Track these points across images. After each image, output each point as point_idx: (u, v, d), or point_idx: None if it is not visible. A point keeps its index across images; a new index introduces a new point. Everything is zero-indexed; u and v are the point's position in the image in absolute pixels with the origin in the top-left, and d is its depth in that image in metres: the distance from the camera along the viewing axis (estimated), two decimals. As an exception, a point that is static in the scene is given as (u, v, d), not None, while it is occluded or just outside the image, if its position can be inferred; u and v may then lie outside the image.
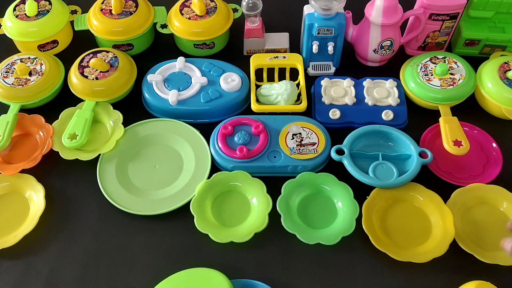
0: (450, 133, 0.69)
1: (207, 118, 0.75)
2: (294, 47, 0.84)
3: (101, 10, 0.81)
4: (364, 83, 0.76)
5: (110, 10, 0.81)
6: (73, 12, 0.86)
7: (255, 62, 0.78)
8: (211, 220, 0.65)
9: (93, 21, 0.81)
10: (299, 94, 0.75)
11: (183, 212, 0.65)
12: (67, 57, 0.81)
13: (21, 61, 0.77)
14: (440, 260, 0.60)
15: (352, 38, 0.79)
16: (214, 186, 0.67)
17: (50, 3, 0.83)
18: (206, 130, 0.72)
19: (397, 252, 0.61)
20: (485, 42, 0.80)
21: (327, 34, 0.76)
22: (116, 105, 0.76)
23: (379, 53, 0.78)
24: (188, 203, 0.65)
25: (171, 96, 0.74)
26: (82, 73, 0.75)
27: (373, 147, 0.70)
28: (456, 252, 0.61)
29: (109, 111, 0.75)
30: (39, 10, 0.82)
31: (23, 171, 0.69)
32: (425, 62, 0.76)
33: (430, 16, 0.76)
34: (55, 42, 0.84)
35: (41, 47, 0.83)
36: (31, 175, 0.69)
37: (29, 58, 0.78)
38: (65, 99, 0.77)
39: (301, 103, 0.73)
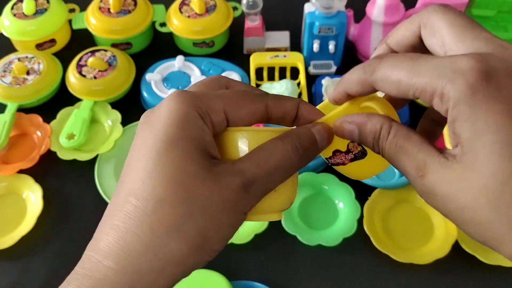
0: (452, 133, 0.68)
1: (207, 118, 0.74)
2: (295, 45, 0.84)
3: (100, 8, 0.81)
4: (365, 82, 0.75)
5: (109, 9, 0.80)
6: (71, 10, 0.86)
7: (255, 61, 0.77)
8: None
9: (91, 19, 0.81)
10: (300, 93, 0.74)
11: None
12: (65, 56, 0.80)
13: (19, 60, 0.76)
14: (442, 262, 0.59)
15: (354, 37, 0.79)
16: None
17: (48, 2, 0.82)
18: (205, 129, 0.72)
19: (399, 253, 0.60)
20: (487, 41, 0.79)
21: (328, 32, 0.75)
22: (115, 105, 0.75)
23: (380, 52, 0.78)
24: (187, 204, 0.65)
25: (170, 96, 0.73)
26: (80, 72, 0.74)
27: (375, 147, 0.70)
28: (458, 253, 0.60)
29: (107, 111, 0.74)
30: (37, 8, 0.81)
31: (21, 171, 0.68)
32: (427, 61, 0.75)
33: (432, 14, 0.75)
34: (53, 41, 0.83)
35: (39, 46, 0.82)
36: (29, 175, 0.68)
37: (26, 57, 0.77)
38: (63, 98, 0.76)
39: (301, 102, 0.72)
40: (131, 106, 0.77)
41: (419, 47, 0.28)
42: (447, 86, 0.24)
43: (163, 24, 0.83)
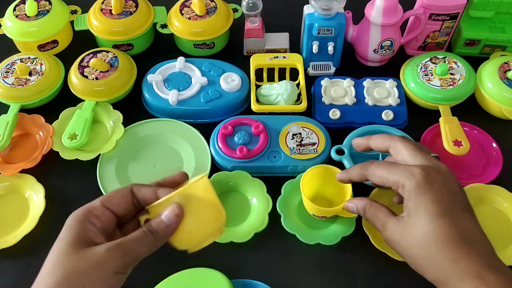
0: (450, 133, 0.69)
1: (207, 118, 0.75)
2: (294, 47, 0.84)
3: (101, 10, 0.82)
4: (364, 83, 0.76)
5: (110, 10, 0.81)
6: (73, 12, 0.87)
7: (255, 62, 0.78)
8: (211, 220, 0.65)
9: (93, 21, 0.82)
10: (299, 94, 0.75)
11: (183, 212, 0.65)
12: (67, 57, 0.81)
13: (21, 61, 0.77)
14: (440, 260, 0.60)
15: (352, 38, 0.79)
16: (214, 186, 0.67)
17: (50, 3, 0.83)
18: (206, 130, 0.72)
19: (397, 252, 0.61)
20: (485, 42, 0.80)
21: (327, 34, 0.76)
22: (116, 105, 0.76)
23: (379, 53, 0.78)
24: (188, 203, 0.65)
25: (171, 96, 0.74)
26: (82, 73, 0.75)
27: (373, 147, 0.70)
28: (456, 252, 0.61)
29: (109, 111, 0.75)
30: (39, 10, 0.82)
31: (23, 171, 0.69)
32: (425, 62, 0.76)
33: (430, 16, 0.76)
34: (55, 42, 0.84)
35: (41, 47, 0.83)
36: (31, 175, 0.69)
37: (29, 58, 0.78)
38: (65, 99, 0.77)
39: (301, 103, 0.73)
40: (132, 106, 0.78)
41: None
42: (406, 182, 0.46)
43: (164, 26, 0.84)
